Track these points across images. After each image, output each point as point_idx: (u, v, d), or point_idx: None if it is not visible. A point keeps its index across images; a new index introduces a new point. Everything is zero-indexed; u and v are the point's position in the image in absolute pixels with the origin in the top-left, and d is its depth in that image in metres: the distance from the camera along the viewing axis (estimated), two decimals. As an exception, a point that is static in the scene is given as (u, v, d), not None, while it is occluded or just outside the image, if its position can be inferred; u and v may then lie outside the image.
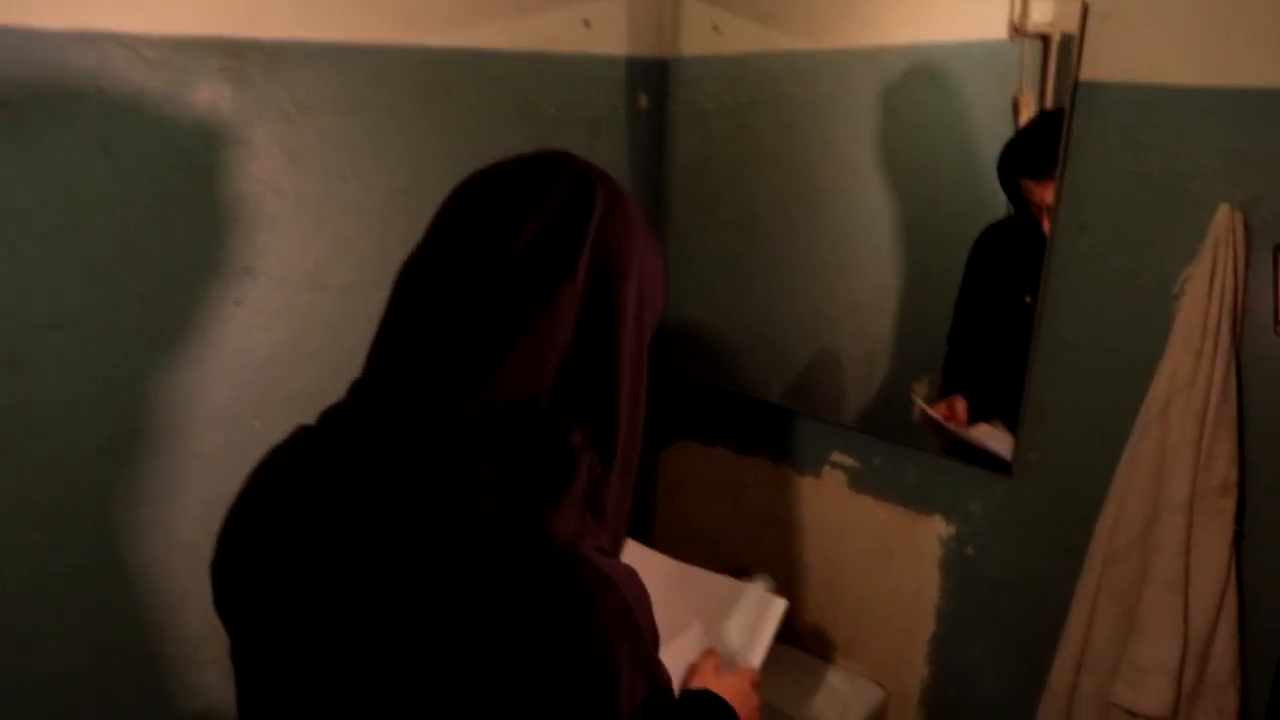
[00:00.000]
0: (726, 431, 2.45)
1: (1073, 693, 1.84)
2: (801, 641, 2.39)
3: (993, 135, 1.88)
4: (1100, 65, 1.71)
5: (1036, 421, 1.91)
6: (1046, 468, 1.92)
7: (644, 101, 2.26)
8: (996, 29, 1.83)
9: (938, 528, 2.11)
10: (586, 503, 1.02)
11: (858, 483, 2.23)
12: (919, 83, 2.00)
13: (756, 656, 1.58)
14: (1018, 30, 1.82)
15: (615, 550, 1.08)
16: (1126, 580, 1.74)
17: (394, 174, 1.80)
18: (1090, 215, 1.77)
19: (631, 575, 1.00)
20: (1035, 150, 1.83)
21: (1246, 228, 1.63)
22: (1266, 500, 1.69)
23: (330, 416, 1.07)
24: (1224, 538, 1.67)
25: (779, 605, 1.65)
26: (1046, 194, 1.80)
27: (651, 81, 2.26)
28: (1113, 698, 1.75)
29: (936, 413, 2.06)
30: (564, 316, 1.00)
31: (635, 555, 1.57)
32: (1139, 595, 1.71)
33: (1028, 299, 1.86)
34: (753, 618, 1.63)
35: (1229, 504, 1.67)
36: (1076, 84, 1.73)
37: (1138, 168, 1.71)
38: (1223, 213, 1.63)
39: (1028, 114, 1.84)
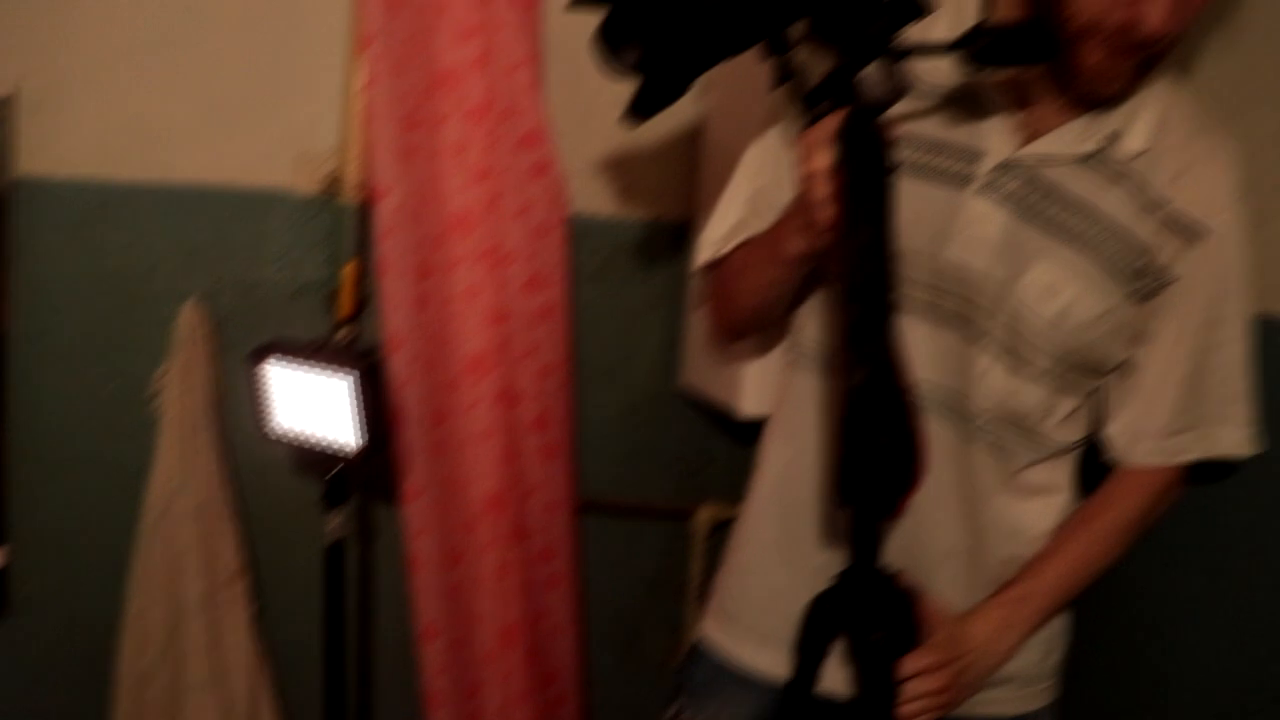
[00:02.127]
0: None
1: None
2: None
3: None
4: (40, 160, 1.59)
5: (26, 552, 1.70)
6: (48, 600, 1.73)
7: None
8: None
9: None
10: None
11: None
12: None
13: None
14: None
15: None
16: (164, 693, 1.66)
17: None
18: (49, 322, 1.64)
19: None
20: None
21: (212, 322, 1.68)
22: (274, 575, 1.77)
23: None
24: (244, 620, 1.71)
25: None
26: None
27: None
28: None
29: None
30: None
31: None
32: (182, 704, 1.65)
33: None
34: None
35: (242, 589, 1.71)
36: (13, 181, 1.58)
37: (96, 268, 1.64)
38: (188, 309, 1.66)
39: None
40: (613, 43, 0.87)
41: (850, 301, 0.90)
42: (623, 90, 0.91)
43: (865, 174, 0.92)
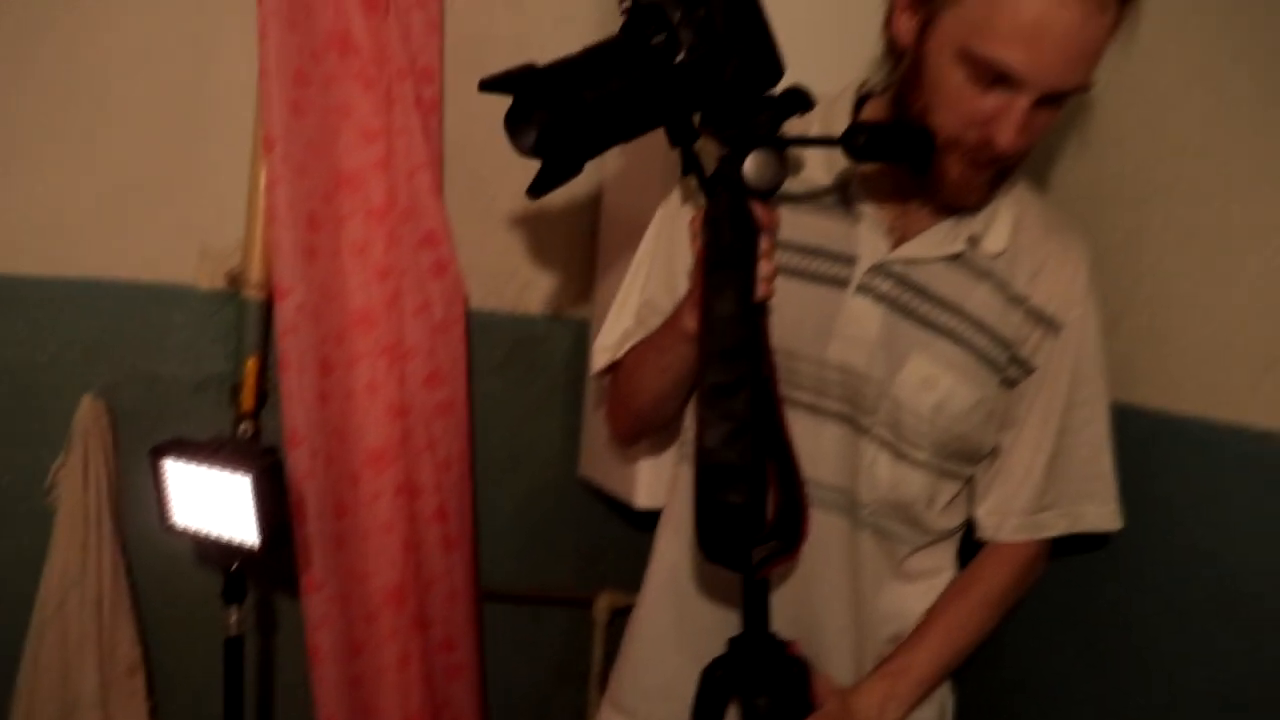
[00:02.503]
0: None
1: None
2: None
3: None
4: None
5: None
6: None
7: None
8: None
9: None
10: None
11: None
12: None
13: None
14: None
15: None
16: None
17: None
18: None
19: None
20: None
21: (111, 414, 1.69)
22: (173, 670, 1.77)
23: None
24: (142, 715, 1.69)
25: None
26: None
27: None
28: None
29: None
30: None
31: None
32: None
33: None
34: None
35: (139, 682, 1.70)
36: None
37: (-5, 363, 1.65)
38: (86, 403, 1.67)
39: None
40: (514, 126, 0.93)
41: (707, 366, 0.97)
42: (520, 191, 0.98)
43: (729, 250, 1.00)
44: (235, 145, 1.70)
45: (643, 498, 1.69)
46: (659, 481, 1.59)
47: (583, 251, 1.95)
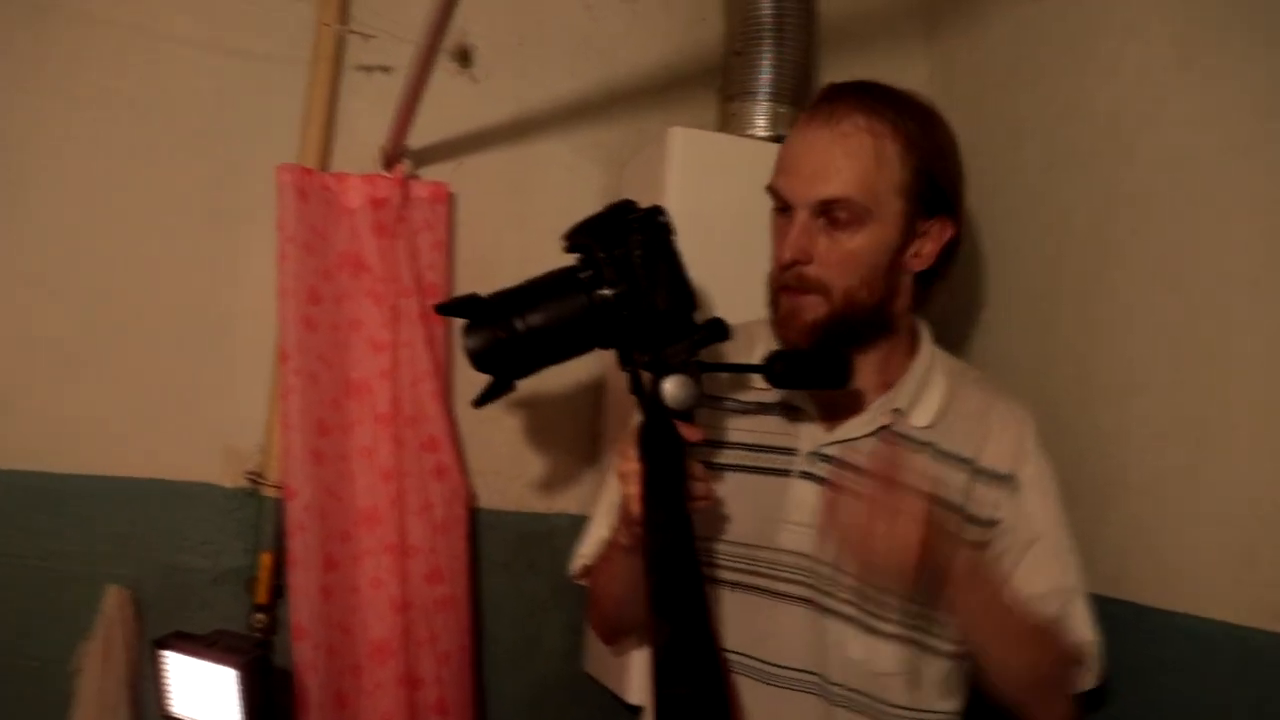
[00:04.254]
0: None
1: None
2: None
3: None
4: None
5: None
6: None
7: None
8: None
9: None
10: None
11: None
12: None
13: None
14: None
15: None
16: None
17: None
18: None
19: None
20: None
21: (136, 603, 1.80)
22: None
23: None
24: None
25: None
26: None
27: None
28: None
29: None
30: None
31: None
32: None
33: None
34: None
35: None
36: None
37: (29, 550, 1.77)
38: (113, 592, 1.78)
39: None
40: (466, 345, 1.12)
41: (651, 572, 1.03)
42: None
43: (657, 466, 1.08)
44: (257, 355, 1.85)
45: (635, 694, 1.71)
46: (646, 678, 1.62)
47: (587, 449, 2.03)
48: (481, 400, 1.17)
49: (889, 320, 1.29)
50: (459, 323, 1.88)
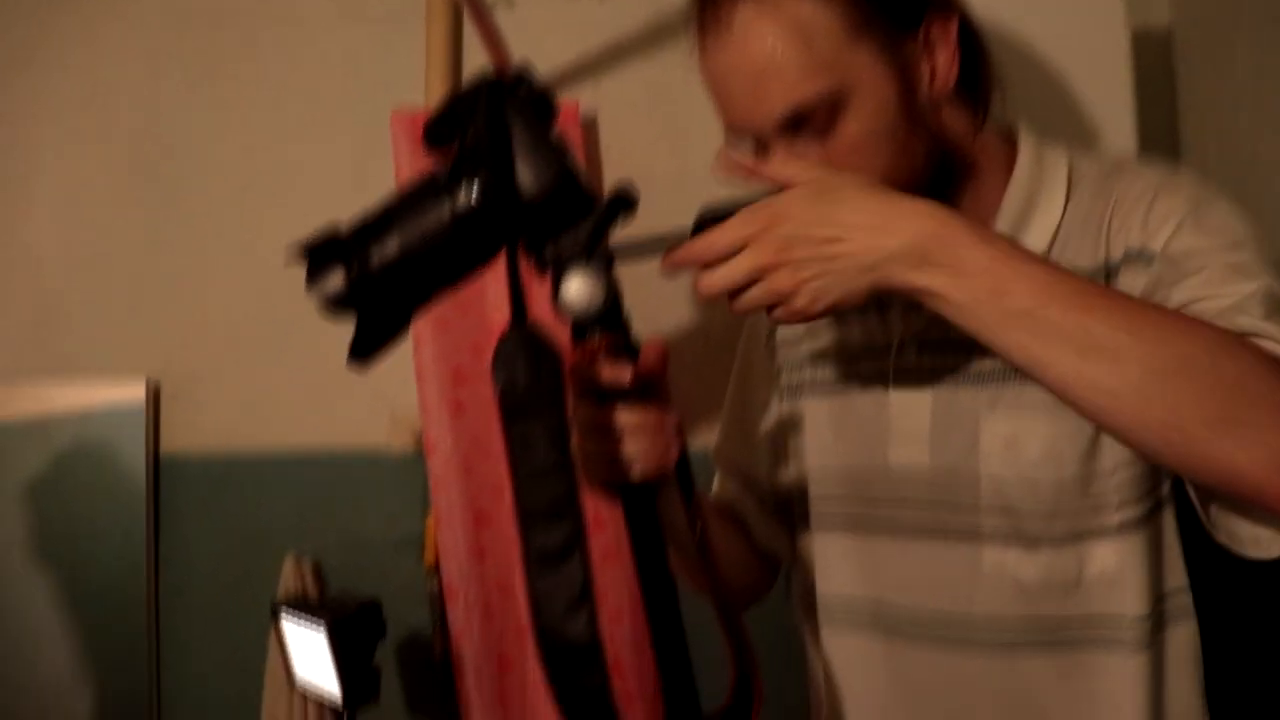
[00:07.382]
0: None
1: None
2: None
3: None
4: (178, 439, 1.86)
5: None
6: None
7: None
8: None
9: None
10: None
11: None
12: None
13: None
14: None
15: None
16: None
17: None
18: (188, 577, 1.88)
19: None
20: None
21: (317, 573, 1.82)
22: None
23: None
24: None
25: None
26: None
27: None
28: None
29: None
30: None
31: None
32: None
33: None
34: None
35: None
36: (157, 458, 1.85)
37: (224, 528, 1.86)
38: (299, 562, 1.81)
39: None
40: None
41: (528, 531, 0.78)
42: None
43: (527, 394, 0.83)
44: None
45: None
46: None
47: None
48: (357, 351, 0.86)
49: (952, 162, 0.99)
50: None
